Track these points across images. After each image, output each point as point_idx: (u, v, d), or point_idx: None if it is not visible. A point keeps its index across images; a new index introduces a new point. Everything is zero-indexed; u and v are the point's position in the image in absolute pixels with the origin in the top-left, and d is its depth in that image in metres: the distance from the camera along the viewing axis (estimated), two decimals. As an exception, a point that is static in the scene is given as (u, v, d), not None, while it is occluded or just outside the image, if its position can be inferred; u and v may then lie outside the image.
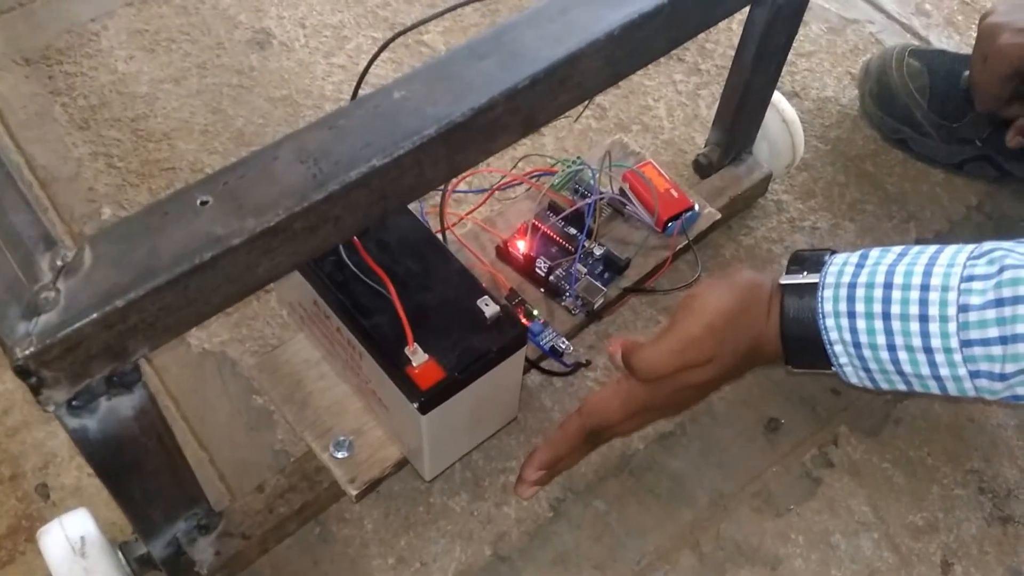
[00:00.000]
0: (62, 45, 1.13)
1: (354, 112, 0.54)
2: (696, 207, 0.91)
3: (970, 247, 0.61)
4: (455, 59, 0.57)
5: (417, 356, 0.64)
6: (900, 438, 0.87)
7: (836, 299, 0.62)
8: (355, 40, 1.17)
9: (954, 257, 0.60)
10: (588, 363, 0.89)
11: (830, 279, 0.63)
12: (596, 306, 0.85)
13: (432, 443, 0.69)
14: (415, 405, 0.64)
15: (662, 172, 0.91)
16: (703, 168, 0.99)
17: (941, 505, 0.83)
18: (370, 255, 0.66)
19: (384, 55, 0.67)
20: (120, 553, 0.70)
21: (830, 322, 0.63)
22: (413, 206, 0.74)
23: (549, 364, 0.86)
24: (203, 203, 0.50)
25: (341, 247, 0.66)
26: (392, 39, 0.63)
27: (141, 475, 0.61)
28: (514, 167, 0.99)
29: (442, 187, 0.82)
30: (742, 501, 0.83)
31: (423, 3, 1.22)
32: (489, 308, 0.66)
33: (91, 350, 0.48)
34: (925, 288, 0.59)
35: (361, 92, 0.62)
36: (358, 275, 0.66)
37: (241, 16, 1.18)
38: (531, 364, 0.82)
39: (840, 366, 0.64)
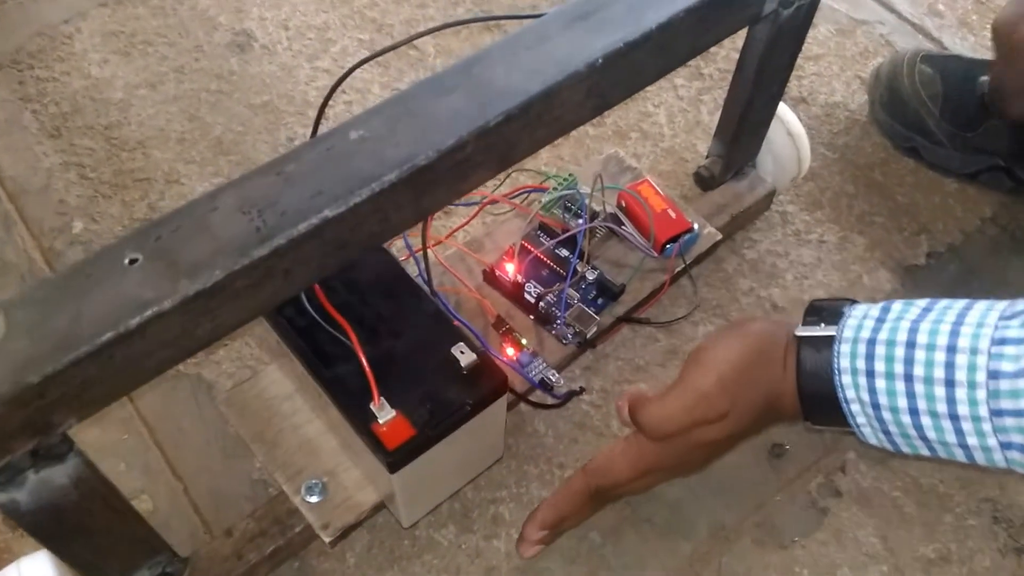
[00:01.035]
0: (33, 48, 1.09)
1: (304, 156, 0.49)
2: (695, 227, 0.86)
3: (1002, 304, 0.56)
4: (419, 93, 0.52)
5: (384, 412, 0.60)
6: (911, 465, 0.83)
7: (854, 355, 0.58)
8: (340, 42, 1.12)
9: (984, 316, 0.55)
10: (582, 390, 0.85)
11: (848, 333, 0.59)
12: (589, 335, 0.80)
13: (406, 495, 0.65)
14: (383, 464, 0.59)
15: (659, 191, 0.86)
16: (704, 181, 0.94)
17: (954, 536, 0.80)
18: (335, 296, 0.62)
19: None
20: None
21: (847, 379, 0.58)
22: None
23: (540, 395, 0.81)
24: (131, 262, 0.46)
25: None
26: (347, 74, 0.57)
27: (88, 536, 0.58)
28: (505, 179, 0.94)
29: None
30: (744, 532, 0.80)
31: (412, 3, 1.16)
32: (465, 356, 0.62)
33: (7, 428, 0.44)
34: (952, 350, 0.54)
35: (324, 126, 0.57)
36: (319, 321, 0.62)
37: (221, 17, 1.14)
38: (519, 397, 0.78)
39: (858, 426, 0.60)
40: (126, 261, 0.46)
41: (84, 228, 0.96)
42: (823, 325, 0.61)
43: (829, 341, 0.59)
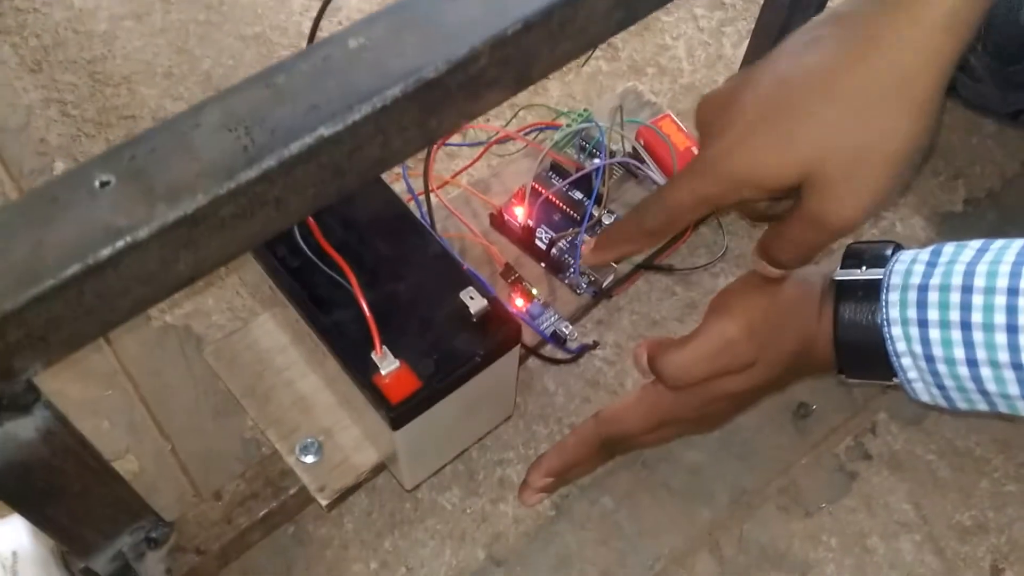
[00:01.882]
0: (11, -23, 1.03)
1: (297, 67, 0.43)
2: (721, 167, 0.80)
3: None
4: (428, -2, 0.45)
5: (386, 362, 0.54)
6: (946, 426, 0.80)
7: (904, 304, 0.53)
8: (338, -31, 1.06)
9: None
10: (596, 344, 0.80)
11: (896, 279, 0.54)
12: (605, 285, 0.75)
13: (409, 455, 0.60)
14: (385, 420, 0.54)
15: (682, 127, 0.81)
16: (728, 120, 0.88)
17: (991, 503, 0.77)
18: (331, 237, 0.56)
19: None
20: (65, 565, 0.63)
21: (897, 331, 0.53)
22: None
23: (551, 350, 0.76)
24: (102, 184, 0.40)
25: (295, 226, 0.56)
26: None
27: (61, 499, 0.53)
28: (513, 117, 0.88)
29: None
30: (767, 498, 0.77)
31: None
32: (475, 302, 0.56)
33: (-38, 373, 0.38)
34: (1014, 292, 0.49)
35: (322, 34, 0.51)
36: (316, 262, 0.56)
37: (210, -57, 1.07)
38: (529, 351, 0.72)
39: (908, 382, 0.55)
40: (96, 184, 0.41)
41: (65, 169, 0.91)
42: (864, 269, 0.56)
43: (872, 287, 0.55)
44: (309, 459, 0.65)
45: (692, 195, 0.53)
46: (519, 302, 0.75)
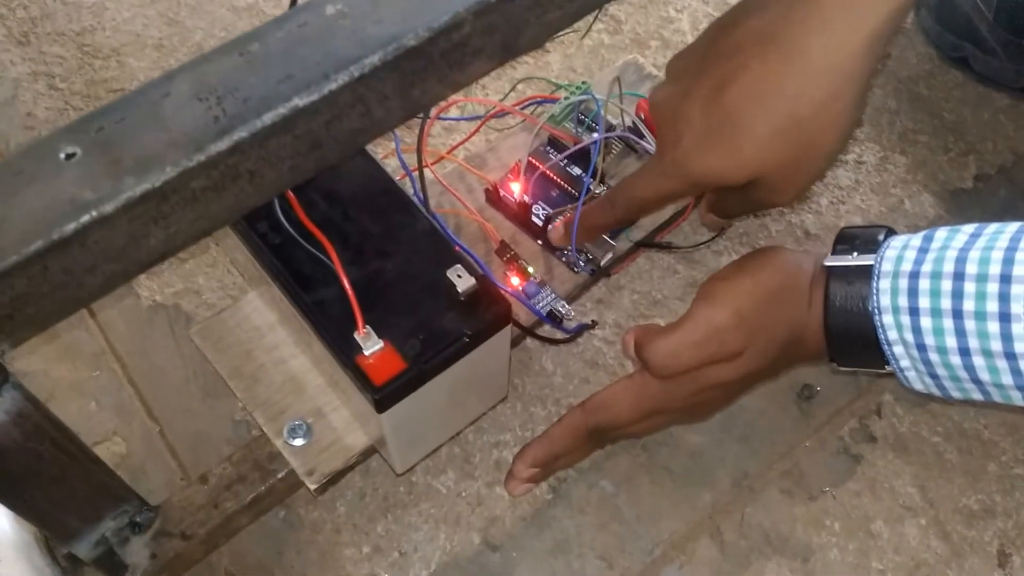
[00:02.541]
0: (-3, -54, 1.01)
1: (272, 34, 0.41)
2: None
3: None
4: (410, -39, 0.43)
5: (370, 342, 0.52)
6: (953, 408, 0.78)
7: (895, 291, 0.52)
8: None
9: None
10: (594, 324, 0.78)
11: (887, 266, 0.53)
12: (603, 263, 0.73)
13: (398, 438, 0.58)
14: (369, 402, 0.52)
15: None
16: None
17: (999, 486, 0.75)
18: (314, 212, 0.54)
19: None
20: (49, 550, 0.62)
21: (888, 319, 0.52)
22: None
23: (549, 330, 0.74)
24: (68, 156, 0.39)
25: (275, 200, 0.54)
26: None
27: (38, 483, 0.51)
28: (511, 90, 0.86)
29: (422, 115, 0.69)
30: (770, 482, 0.75)
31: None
32: (462, 281, 0.54)
33: (-76, 352, 0.36)
34: (1006, 279, 0.48)
35: None
36: (297, 238, 0.54)
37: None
38: (525, 331, 0.71)
39: (901, 370, 0.54)
40: (62, 156, 0.39)
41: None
42: (856, 255, 0.55)
43: (863, 272, 0.54)
44: (298, 442, 0.63)
45: (657, 192, 0.60)
46: (515, 280, 0.73)
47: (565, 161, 0.76)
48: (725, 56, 0.53)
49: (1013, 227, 0.50)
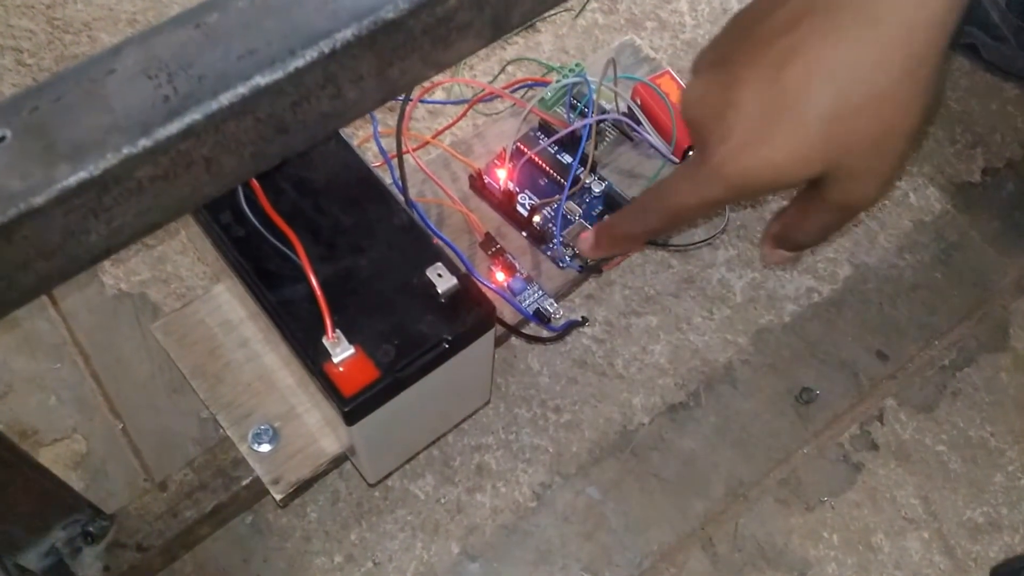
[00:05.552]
0: (-39, -88, 0.97)
1: (233, 3, 0.37)
2: (725, 131, 0.74)
3: None
4: (388, -74, 0.39)
5: (340, 348, 0.48)
6: (958, 414, 0.77)
7: None
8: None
9: None
10: (584, 321, 0.75)
11: None
12: (590, 260, 0.69)
13: (370, 450, 0.54)
14: (338, 414, 0.48)
15: (683, 85, 0.74)
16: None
17: (1005, 498, 0.74)
18: (282, 203, 0.50)
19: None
20: None
21: None
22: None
23: (535, 328, 0.70)
24: (-2, 140, 0.34)
25: (239, 189, 0.49)
26: None
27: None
28: (500, 72, 0.82)
29: (402, 96, 0.64)
30: (766, 490, 0.73)
31: None
32: (443, 280, 0.50)
33: None
34: None
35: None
36: (262, 231, 0.50)
37: None
38: (510, 330, 0.67)
39: None
40: (-10, 141, 0.35)
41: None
42: None
43: None
44: (263, 448, 0.59)
45: (701, 199, 0.50)
46: (500, 276, 0.69)
47: (554, 147, 0.72)
48: (779, 31, 0.46)
49: None
